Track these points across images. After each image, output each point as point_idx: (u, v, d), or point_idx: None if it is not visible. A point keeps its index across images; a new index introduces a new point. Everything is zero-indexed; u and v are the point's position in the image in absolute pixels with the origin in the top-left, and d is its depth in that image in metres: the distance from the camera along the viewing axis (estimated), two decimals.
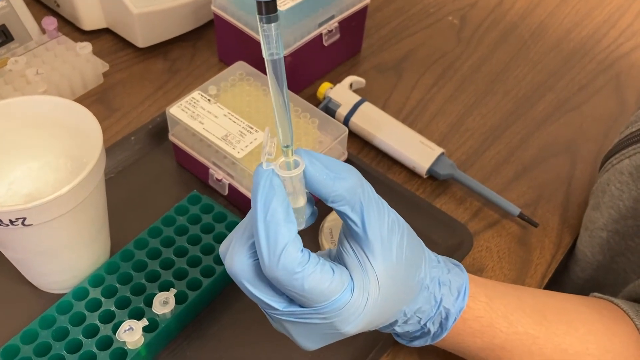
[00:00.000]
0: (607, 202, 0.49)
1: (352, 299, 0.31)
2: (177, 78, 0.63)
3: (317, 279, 0.30)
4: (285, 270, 0.29)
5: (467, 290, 0.37)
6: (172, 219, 0.47)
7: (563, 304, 0.41)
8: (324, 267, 0.30)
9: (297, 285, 0.29)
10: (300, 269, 0.29)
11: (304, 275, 0.29)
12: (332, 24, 0.59)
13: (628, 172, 0.47)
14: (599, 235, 0.50)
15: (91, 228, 0.42)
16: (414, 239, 0.34)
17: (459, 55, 0.69)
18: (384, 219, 0.32)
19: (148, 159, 0.54)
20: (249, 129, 0.49)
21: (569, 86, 0.67)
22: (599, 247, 0.51)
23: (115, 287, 0.43)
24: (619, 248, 0.50)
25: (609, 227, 0.49)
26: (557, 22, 0.75)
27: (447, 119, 0.62)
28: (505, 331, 0.37)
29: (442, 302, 0.36)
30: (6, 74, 0.57)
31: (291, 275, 0.29)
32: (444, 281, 0.36)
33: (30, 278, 0.45)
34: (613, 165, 0.48)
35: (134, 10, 0.60)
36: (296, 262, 0.29)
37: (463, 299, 0.36)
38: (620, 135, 0.49)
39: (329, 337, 0.33)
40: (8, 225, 0.36)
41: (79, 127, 0.42)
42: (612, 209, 0.48)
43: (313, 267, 0.30)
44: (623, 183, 0.47)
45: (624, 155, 0.47)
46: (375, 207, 0.31)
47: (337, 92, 0.59)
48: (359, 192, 0.31)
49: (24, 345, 0.40)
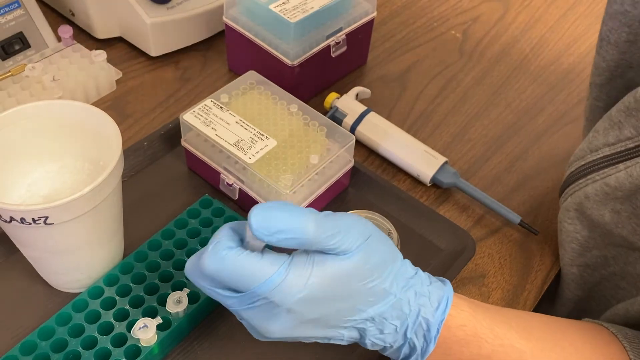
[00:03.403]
0: (566, 238, 0.50)
1: (288, 278, 0.33)
2: (188, 86, 0.64)
3: (242, 260, 0.33)
4: (215, 256, 0.33)
5: (449, 302, 0.37)
6: (185, 221, 0.49)
7: (549, 324, 0.41)
8: (251, 253, 0.33)
9: (226, 268, 0.33)
10: (225, 253, 0.33)
11: (230, 258, 0.33)
12: (340, 36, 0.61)
13: (573, 209, 0.49)
14: (571, 272, 0.52)
15: (108, 228, 0.44)
16: (379, 248, 0.35)
17: (461, 68, 0.71)
18: (339, 222, 0.34)
19: (160, 163, 0.56)
20: (259, 135, 0.50)
21: (568, 99, 0.69)
22: (574, 283, 0.52)
23: (130, 287, 0.45)
24: (593, 280, 0.52)
25: (576, 261, 0.51)
26: (557, 37, 0.77)
27: (450, 129, 0.63)
28: (491, 342, 0.37)
29: (420, 312, 0.36)
30: (23, 80, 0.58)
31: (220, 260, 0.33)
32: (421, 292, 0.36)
33: (46, 277, 0.47)
34: (561, 204, 0.50)
35: (147, 20, 0.62)
36: (223, 247, 0.33)
37: (444, 310, 0.36)
38: (564, 175, 0.51)
39: (283, 318, 0.34)
40: (31, 224, 0.38)
41: (98, 130, 0.44)
42: (573, 243, 0.50)
43: (239, 252, 0.33)
44: (573, 218, 0.49)
45: (567, 194, 0.49)
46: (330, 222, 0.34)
47: (343, 102, 0.61)
48: (311, 231, 0.33)
49: (41, 341, 0.41)
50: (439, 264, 0.51)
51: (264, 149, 0.50)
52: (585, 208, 0.47)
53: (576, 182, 0.48)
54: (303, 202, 0.50)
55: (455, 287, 0.51)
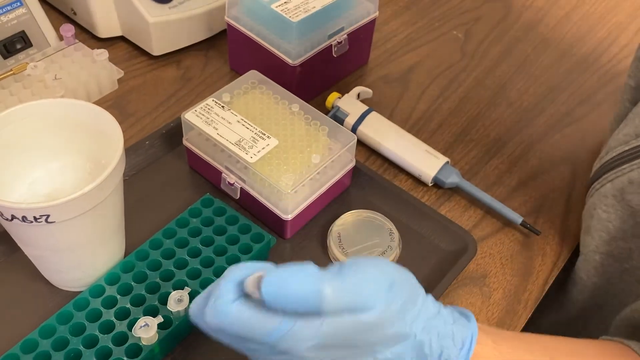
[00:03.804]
0: (596, 225, 0.50)
1: (296, 327, 0.31)
2: (189, 85, 0.64)
3: (246, 314, 0.31)
4: (217, 312, 0.32)
5: (473, 341, 0.35)
6: (186, 220, 0.49)
7: (571, 346, 0.40)
8: (253, 307, 0.31)
9: (231, 322, 0.31)
10: (227, 308, 0.31)
11: (234, 313, 0.31)
12: (342, 36, 0.61)
13: (612, 194, 0.48)
14: (593, 258, 0.52)
15: (109, 227, 0.44)
16: (402, 294, 0.33)
17: (463, 68, 0.71)
18: (362, 273, 0.32)
19: (161, 162, 0.56)
20: (261, 134, 0.50)
21: (569, 100, 0.69)
22: (594, 269, 0.52)
23: (131, 285, 0.45)
24: (614, 270, 0.51)
25: (600, 249, 0.50)
26: (560, 38, 0.77)
27: (452, 129, 0.63)
28: None
29: (442, 353, 0.34)
30: (25, 78, 0.58)
31: (223, 315, 0.32)
32: (445, 333, 0.35)
33: (47, 276, 0.47)
34: (597, 189, 0.50)
35: (149, 19, 0.62)
36: (225, 302, 0.32)
37: (469, 349, 0.35)
38: (601, 160, 0.51)
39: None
40: (32, 222, 0.38)
41: (99, 129, 0.44)
42: (602, 231, 0.50)
43: (241, 306, 0.31)
44: (609, 206, 0.49)
45: (606, 180, 0.49)
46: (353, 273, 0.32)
47: (345, 102, 0.61)
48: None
49: (43, 339, 0.41)
50: (440, 264, 0.51)
51: (266, 148, 0.49)
52: (627, 194, 0.46)
53: (619, 168, 0.47)
54: (304, 201, 0.50)
55: (457, 287, 0.51)
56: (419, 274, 0.50)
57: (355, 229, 0.51)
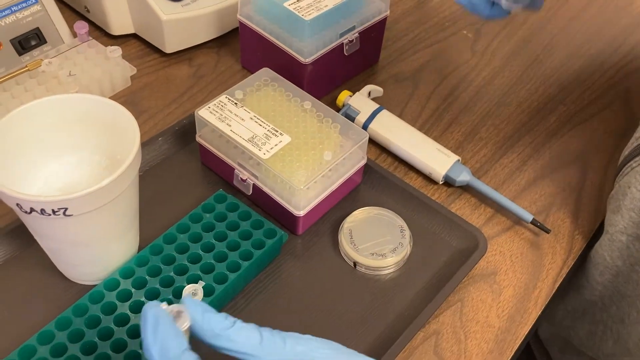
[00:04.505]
0: (628, 204, 0.49)
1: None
2: (201, 83, 0.65)
3: None
4: None
5: None
6: (199, 216, 0.49)
7: None
8: None
9: None
10: None
11: None
12: (353, 35, 0.62)
13: None
14: (619, 239, 0.51)
15: (124, 221, 0.44)
16: None
17: (473, 67, 0.71)
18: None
19: (174, 159, 0.57)
20: (274, 131, 0.51)
21: (579, 100, 0.69)
22: (618, 251, 0.51)
23: (145, 279, 0.45)
24: (639, 256, 0.51)
25: (629, 230, 0.50)
26: (569, 38, 0.77)
27: (462, 128, 0.64)
28: None
29: None
30: (39, 75, 0.59)
31: None
32: None
33: (62, 269, 0.47)
34: (633, 168, 0.49)
35: (162, 17, 0.62)
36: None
37: None
38: (639, 139, 0.50)
39: None
40: (50, 215, 0.38)
41: (115, 124, 0.44)
42: (633, 211, 0.48)
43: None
44: None
45: None
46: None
47: (356, 100, 0.61)
48: None
49: (59, 331, 0.42)
50: (451, 261, 0.51)
51: (278, 145, 0.50)
52: None
53: None
54: (316, 198, 0.51)
55: (467, 285, 0.51)
56: (429, 271, 0.51)
57: (367, 226, 0.51)
